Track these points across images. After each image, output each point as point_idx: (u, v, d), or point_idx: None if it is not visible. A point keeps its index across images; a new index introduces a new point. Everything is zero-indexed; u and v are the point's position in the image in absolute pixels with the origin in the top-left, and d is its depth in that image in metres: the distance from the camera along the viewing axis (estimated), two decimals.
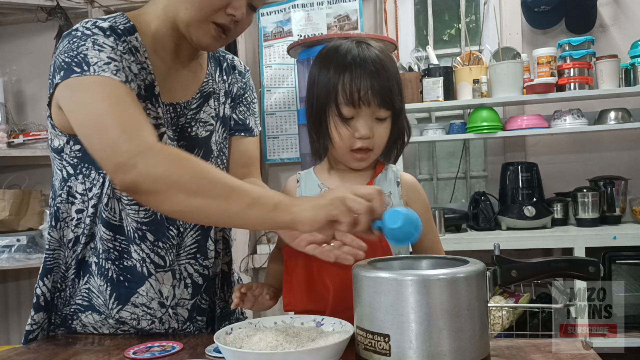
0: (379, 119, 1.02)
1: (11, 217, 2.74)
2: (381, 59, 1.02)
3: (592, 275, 0.84)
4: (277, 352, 0.82)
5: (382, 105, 1.01)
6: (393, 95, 1.01)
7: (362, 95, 0.99)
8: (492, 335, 2.07)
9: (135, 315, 1.09)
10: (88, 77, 0.91)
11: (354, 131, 1.01)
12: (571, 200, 2.44)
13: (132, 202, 1.04)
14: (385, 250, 1.02)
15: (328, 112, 1.03)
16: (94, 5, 2.94)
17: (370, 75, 0.99)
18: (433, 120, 2.79)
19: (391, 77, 1.02)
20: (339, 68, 1.01)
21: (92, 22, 0.99)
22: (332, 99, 1.01)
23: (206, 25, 1.01)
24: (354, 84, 0.99)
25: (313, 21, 2.78)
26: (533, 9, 2.61)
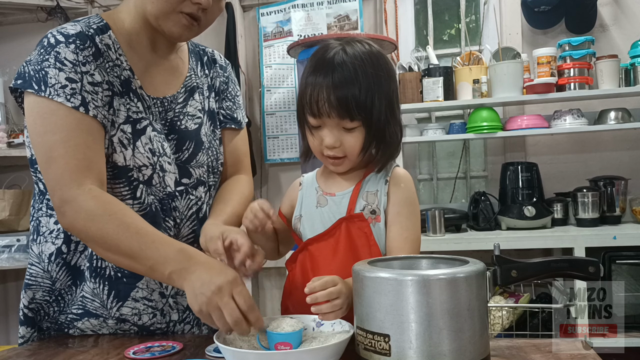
0: (346, 129, 0.99)
1: (11, 217, 2.74)
2: (349, 65, 0.96)
3: (592, 275, 0.84)
4: (277, 352, 0.82)
5: (343, 116, 0.97)
6: (355, 106, 0.96)
7: (320, 106, 0.96)
8: (492, 335, 2.07)
9: (136, 311, 1.09)
10: (43, 99, 0.97)
11: (320, 140, 1.01)
12: (571, 200, 2.44)
13: (126, 197, 1.05)
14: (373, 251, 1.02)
15: (302, 118, 1.04)
16: (94, 5, 2.94)
17: (327, 86, 0.95)
18: (433, 120, 2.79)
19: (357, 85, 0.96)
20: (308, 74, 1.00)
21: (59, 30, 1.02)
22: (301, 107, 1.02)
23: (175, 16, 1.03)
24: (313, 95, 0.97)
25: (313, 21, 2.78)
26: (533, 9, 2.61)
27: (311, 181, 1.13)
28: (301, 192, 1.12)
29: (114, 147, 1.02)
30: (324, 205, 1.07)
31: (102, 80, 1.02)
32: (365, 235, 1.02)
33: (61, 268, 1.08)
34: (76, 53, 0.99)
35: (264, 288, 2.98)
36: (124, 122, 1.03)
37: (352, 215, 1.03)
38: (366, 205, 1.04)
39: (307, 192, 1.11)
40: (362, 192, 1.05)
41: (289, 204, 1.14)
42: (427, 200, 2.83)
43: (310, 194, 1.10)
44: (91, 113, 0.99)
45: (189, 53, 1.22)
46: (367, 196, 1.04)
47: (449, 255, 0.88)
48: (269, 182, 2.95)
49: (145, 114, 1.07)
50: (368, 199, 1.04)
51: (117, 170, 1.03)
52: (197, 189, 1.14)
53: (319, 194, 1.09)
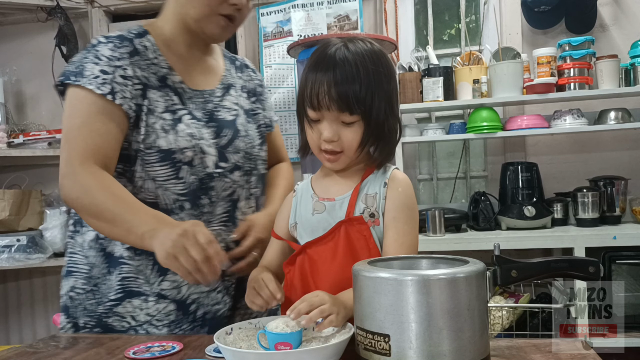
0: (345, 123, 1.00)
1: (11, 217, 2.74)
2: (350, 61, 0.99)
3: (592, 275, 0.84)
4: (277, 352, 0.82)
5: (343, 110, 0.98)
6: (355, 100, 0.97)
7: (320, 99, 0.98)
8: (492, 335, 2.07)
9: (176, 284, 1.15)
10: (76, 89, 1.10)
11: (319, 134, 1.02)
12: (571, 200, 2.44)
13: (171, 177, 1.14)
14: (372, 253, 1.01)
15: (301, 112, 1.05)
16: (94, 5, 2.94)
17: (329, 79, 0.98)
18: (433, 120, 2.79)
19: (357, 80, 0.98)
20: (308, 70, 1.03)
21: (103, 34, 1.18)
22: (301, 101, 1.03)
23: (215, 18, 1.15)
24: (314, 88, 0.99)
25: (313, 21, 2.78)
26: (533, 9, 2.61)
27: (306, 188, 1.11)
28: (295, 198, 1.11)
29: (157, 133, 1.13)
30: (321, 212, 1.06)
31: (133, 75, 1.13)
32: (364, 238, 1.02)
33: (98, 253, 1.16)
34: (113, 50, 1.12)
35: None
36: (163, 111, 1.15)
37: (351, 219, 1.03)
38: (365, 208, 1.03)
39: (302, 199, 1.10)
40: (361, 195, 1.05)
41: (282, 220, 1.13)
42: (427, 200, 2.83)
43: (305, 201, 1.09)
44: (118, 101, 1.09)
45: (223, 57, 1.34)
46: (366, 199, 1.04)
47: (449, 255, 0.87)
48: None
49: (182, 104, 1.18)
50: (367, 202, 1.04)
51: (163, 153, 1.13)
52: (233, 173, 1.22)
53: (314, 200, 1.07)
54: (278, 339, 0.84)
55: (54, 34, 2.87)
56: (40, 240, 2.76)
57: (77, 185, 1.06)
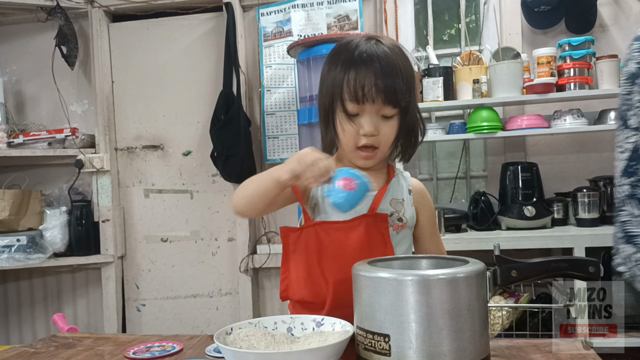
0: (385, 117, 1.02)
1: (11, 217, 2.74)
2: (389, 55, 1.01)
3: (592, 275, 0.84)
4: (277, 352, 0.82)
5: (387, 102, 0.99)
6: (399, 92, 1.00)
7: (365, 91, 0.98)
8: (492, 335, 2.07)
9: None
10: None
11: (358, 128, 1.01)
12: (571, 200, 2.44)
13: None
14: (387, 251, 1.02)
15: (335, 108, 1.03)
16: (94, 5, 2.94)
17: (375, 71, 0.99)
18: (433, 120, 2.79)
19: (399, 74, 1.00)
20: (345, 64, 1.01)
21: None
22: (338, 95, 1.02)
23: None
24: (358, 80, 0.99)
25: (313, 21, 2.78)
26: (533, 9, 2.61)
27: None
28: None
29: None
30: None
31: None
32: (382, 236, 1.03)
33: None
34: None
35: (264, 288, 2.98)
36: None
37: (375, 214, 1.04)
38: (393, 212, 1.06)
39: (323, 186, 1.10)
40: (388, 197, 1.07)
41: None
42: None
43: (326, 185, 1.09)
44: None
45: None
46: (394, 203, 1.07)
47: (449, 255, 0.87)
48: None
49: None
50: (396, 207, 1.06)
51: None
52: None
53: None
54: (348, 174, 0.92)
55: (54, 34, 2.87)
56: (40, 240, 2.76)
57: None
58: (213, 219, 2.98)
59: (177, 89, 2.99)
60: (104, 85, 2.98)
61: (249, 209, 1.04)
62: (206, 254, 2.99)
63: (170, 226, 3.01)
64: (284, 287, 1.09)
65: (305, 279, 1.04)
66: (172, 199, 3.01)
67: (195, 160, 2.99)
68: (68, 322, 1.81)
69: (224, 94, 2.75)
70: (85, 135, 2.94)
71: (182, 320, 3.00)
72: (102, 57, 2.98)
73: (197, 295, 2.99)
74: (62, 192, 2.95)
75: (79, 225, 2.86)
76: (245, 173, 2.75)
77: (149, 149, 3.02)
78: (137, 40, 3.02)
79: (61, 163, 3.00)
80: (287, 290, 1.07)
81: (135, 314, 3.04)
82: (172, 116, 3.00)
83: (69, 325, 1.70)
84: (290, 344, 0.88)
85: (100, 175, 2.94)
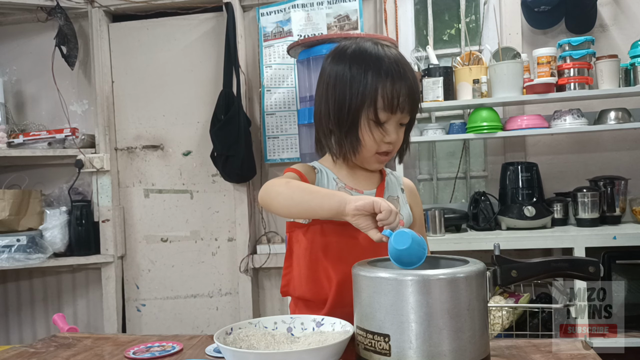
0: (401, 124, 1.06)
1: (11, 217, 2.74)
2: (406, 62, 1.05)
3: (592, 275, 0.84)
4: (277, 352, 0.82)
5: (411, 112, 1.05)
6: (419, 102, 1.06)
7: (401, 102, 1.02)
8: (492, 335, 2.07)
9: None
10: None
11: (383, 135, 1.04)
12: (571, 200, 2.44)
13: None
14: None
15: (361, 114, 1.03)
16: (94, 5, 2.94)
17: (408, 82, 1.03)
18: (433, 120, 2.79)
19: (416, 83, 1.06)
20: (378, 72, 1.01)
21: None
22: (371, 103, 1.02)
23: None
24: (394, 90, 1.01)
25: (313, 21, 2.78)
26: (533, 9, 2.61)
27: (325, 171, 1.11)
28: (318, 176, 1.11)
29: None
30: None
31: None
32: None
33: None
34: None
35: (264, 288, 2.98)
36: None
37: None
38: None
39: (324, 180, 1.10)
40: (385, 195, 1.10)
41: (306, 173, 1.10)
42: (427, 200, 2.83)
43: (327, 184, 1.10)
44: None
45: None
46: (391, 201, 1.10)
47: (449, 255, 0.87)
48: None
49: None
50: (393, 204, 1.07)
51: None
52: None
53: (339, 185, 1.09)
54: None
55: (54, 34, 2.87)
56: (40, 240, 2.76)
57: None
58: (213, 219, 2.98)
59: (177, 89, 2.99)
60: (104, 85, 2.98)
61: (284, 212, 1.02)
62: (206, 254, 2.99)
63: (170, 226, 3.01)
64: (285, 282, 1.09)
65: (308, 276, 1.05)
66: (172, 199, 3.01)
67: (195, 160, 2.99)
68: (68, 322, 1.81)
69: (224, 94, 2.75)
70: (85, 135, 2.94)
71: (182, 320, 3.00)
72: (102, 57, 2.98)
73: (197, 295, 2.99)
74: (62, 192, 2.95)
75: (79, 225, 2.86)
76: (245, 173, 2.75)
77: (149, 149, 3.02)
78: (137, 40, 3.02)
79: (61, 163, 3.00)
80: (288, 286, 1.08)
81: (135, 314, 3.04)
82: (172, 116, 3.00)
83: (69, 325, 1.71)
84: (290, 344, 0.88)
85: (100, 175, 2.94)
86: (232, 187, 2.90)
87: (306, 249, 1.05)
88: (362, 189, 1.09)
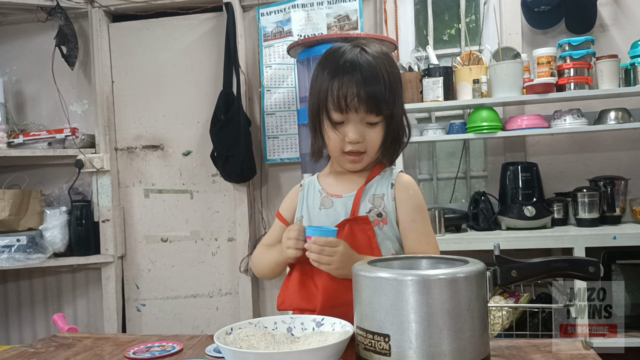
0: (370, 124, 1.04)
1: (11, 217, 2.74)
2: (373, 64, 1.03)
3: (592, 275, 0.84)
4: (277, 352, 0.82)
5: (371, 111, 1.02)
6: (382, 101, 1.02)
7: (348, 102, 1.00)
8: (492, 335, 2.07)
9: None
10: None
11: (343, 136, 1.03)
12: (571, 200, 2.44)
13: None
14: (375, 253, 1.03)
15: (321, 116, 1.06)
16: (94, 5, 2.94)
17: (357, 81, 1.00)
18: (433, 120, 2.79)
19: (382, 82, 1.02)
20: (330, 73, 1.03)
21: None
22: (324, 104, 1.04)
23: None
24: (341, 90, 1.00)
25: (313, 21, 2.78)
26: (533, 9, 2.61)
27: (313, 183, 1.15)
28: (302, 192, 1.14)
29: None
30: (328, 207, 1.09)
31: None
32: (367, 237, 1.04)
33: None
34: None
35: (264, 288, 2.98)
36: None
37: (356, 218, 1.05)
38: (372, 208, 1.06)
39: (309, 193, 1.13)
40: (367, 195, 1.07)
41: (290, 206, 1.16)
42: (427, 200, 2.82)
43: (312, 196, 1.12)
44: None
45: None
46: (373, 199, 1.07)
47: (449, 255, 0.87)
48: (268, 182, 2.95)
49: None
50: (375, 202, 1.06)
51: None
52: None
53: (322, 195, 1.10)
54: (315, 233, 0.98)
55: (54, 34, 2.87)
56: (40, 240, 2.76)
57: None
58: (213, 219, 2.98)
59: (177, 89, 2.99)
60: (104, 85, 2.98)
61: (267, 275, 1.18)
62: (206, 254, 2.99)
63: (170, 226, 3.01)
64: (280, 300, 1.11)
65: (300, 290, 1.06)
66: (172, 199, 3.01)
67: (195, 160, 2.99)
68: (68, 322, 1.81)
69: (224, 94, 2.75)
70: (85, 135, 2.94)
71: (182, 320, 3.00)
72: (102, 57, 2.98)
73: (197, 295, 2.99)
74: (62, 192, 2.95)
75: (79, 225, 2.86)
76: (245, 173, 2.75)
77: (149, 149, 3.02)
78: (137, 40, 3.02)
79: (61, 163, 3.00)
80: (284, 304, 1.09)
81: (135, 314, 3.04)
82: (172, 116, 3.00)
83: (69, 325, 1.71)
84: (290, 344, 0.88)
85: (100, 175, 2.94)
86: (232, 187, 2.90)
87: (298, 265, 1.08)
88: (342, 194, 1.09)
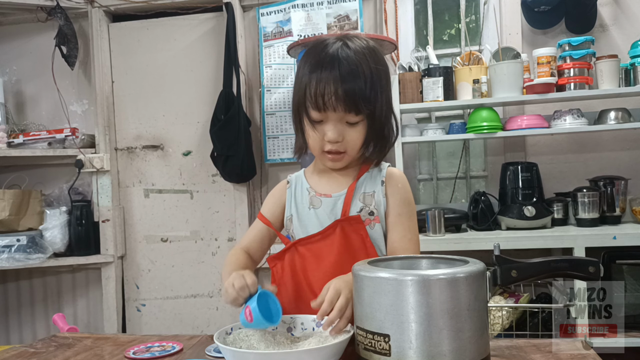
0: (350, 123, 0.99)
1: (11, 217, 2.74)
2: (354, 59, 0.97)
3: (592, 275, 0.84)
4: (277, 352, 0.82)
5: (350, 110, 0.97)
6: (362, 99, 0.96)
7: (326, 100, 0.96)
8: (492, 335, 2.07)
9: None
10: None
11: (322, 134, 1.00)
12: (571, 200, 2.44)
13: None
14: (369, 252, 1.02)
15: (301, 113, 1.02)
16: (94, 5, 2.94)
17: (335, 78, 0.95)
18: (433, 120, 2.79)
19: (363, 79, 0.96)
20: (309, 67, 0.99)
21: None
22: (302, 102, 1.00)
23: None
24: (318, 88, 0.96)
25: (313, 21, 2.78)
26: (533, 9, 2.61)
27: (300, 181, 1.11)
28: (290, 190, 1.11)
29: None
30: (317, 207, 1.06)
31: None
32: (361, 237, 1.02)
33: None
34: None
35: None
36: None
37: (348, 218, 1.03)
38: (363, 207, 1.03)
39: (297, 191, 1.10)
40: (358, 194, 1.05)
41: (276, 204, 1.12)
42: (427, 200, 2.83)
43: (301, 194, 1.09)
44: None
45: None
46: (364, 198, 1.04)
47: (449, 255, 0.87)
48: (268, 182, 2.95)
49: None
50: (365, 201, 1.04)
51: None
52: None
53: (311, 194, 1.08)
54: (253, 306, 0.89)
55: (54, 34, 2.87)
56: (40, 240, 2.76)
57: None
58: (213, 219, 2.98)
59: (177, 89, 2.99)
60: (104, 85, 2.98)
61: None
62: (206, 254, 2.99)
63: (170, 226, 3.01)
64: None
65: (295, 298, 1.05)
66: (172, 199, 3.01)
67: (195, 160, 2.99)
68: (68, 322, 1.81)
69: (224, 94, 2.75)
70: (85, 135, 2.94)
71: (182, 320, 3.00)
72: (102, 57, 2.98)
73: (197, 295, 2.99)
74: (62, 192, 2.95)
75: (79, 225, 2.86)
76: (245, 173, 2.75)
77: (149, 149, 3.02)
78: (137, 40, 3.02)
79: (61, 163, 3.00)
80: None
81: (135, 314, 3.04)
82: (172, 116, 3.00)
83: (69, 325, 1.71)
84: (290, 344, 0.88)
85: (100, 175, 2.94)
86: (232, 187, 2.90)
87: (289, 273, 1.06)
88: (331, 193, 1.06)
